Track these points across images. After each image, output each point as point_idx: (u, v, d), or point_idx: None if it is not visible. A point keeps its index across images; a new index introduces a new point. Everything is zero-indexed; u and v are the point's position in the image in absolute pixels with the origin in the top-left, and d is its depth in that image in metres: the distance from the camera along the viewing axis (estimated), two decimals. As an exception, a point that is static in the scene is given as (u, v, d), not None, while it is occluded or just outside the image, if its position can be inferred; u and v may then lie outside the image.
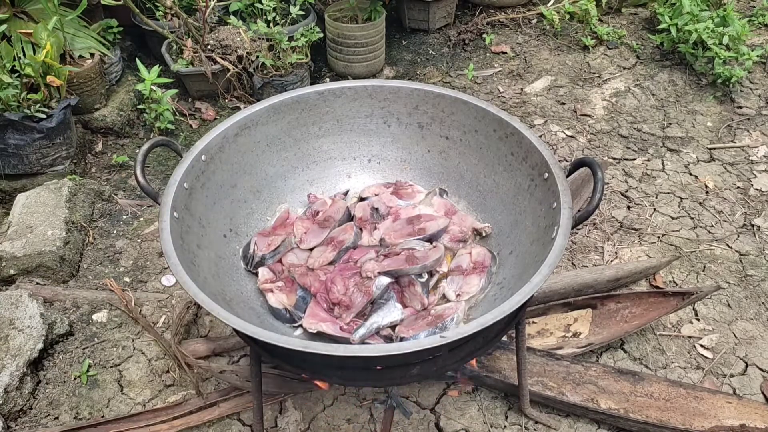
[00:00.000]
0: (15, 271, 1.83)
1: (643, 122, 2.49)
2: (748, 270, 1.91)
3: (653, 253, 1.96)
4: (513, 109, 2.57)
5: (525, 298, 1.05)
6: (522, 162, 1.37)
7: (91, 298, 1.82)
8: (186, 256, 1.17)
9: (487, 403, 1.56)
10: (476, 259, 1.36)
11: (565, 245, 1.13)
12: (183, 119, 2.50)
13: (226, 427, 1.52)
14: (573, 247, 1.99)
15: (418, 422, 1.52)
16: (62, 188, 2.01)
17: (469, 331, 1.01)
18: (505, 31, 3.05)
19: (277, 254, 1.41)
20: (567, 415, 1.53)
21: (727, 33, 2.56)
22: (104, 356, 1.69)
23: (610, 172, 2.27)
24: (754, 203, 2.14)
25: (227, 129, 1.39)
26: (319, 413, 1.54)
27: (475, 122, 1.46)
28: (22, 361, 1.57)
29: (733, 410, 1.46)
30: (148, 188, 1.22)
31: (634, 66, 2.80)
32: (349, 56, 2.74)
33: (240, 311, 1.24)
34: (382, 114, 1.53)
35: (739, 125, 2.47)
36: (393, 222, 1.44)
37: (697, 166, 2.29)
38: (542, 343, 1.64)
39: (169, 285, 1.86)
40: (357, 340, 1.22)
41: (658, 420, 1.44)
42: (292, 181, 1.55)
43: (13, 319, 1.64)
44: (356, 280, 1.30)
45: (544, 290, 1.69)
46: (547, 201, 1.26)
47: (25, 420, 1.54)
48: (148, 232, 2.03)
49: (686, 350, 1.69)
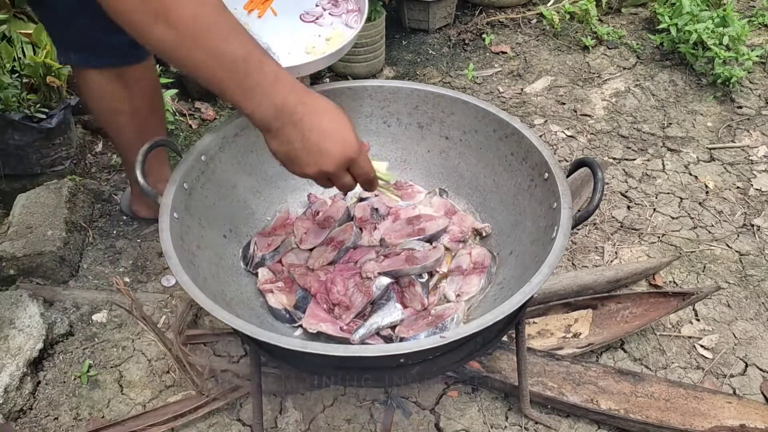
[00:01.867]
0: (15, 271, 1.83)
1: (643, 122, 2.49)
2: (748, 270, 1.91)
3: (653, 253, 1.96)
4: (513, 109, 2.57)
5: (525, 298, 1.05)
6: (522, 162, 1.37)
7: (91, 298, 1.82)
8: (186, 256, 1.17)
9: (487, 404, 1.56)
10: (476, 260, 1.36)
11: (565, 245, 1.13)
12: (183, 119, 2.50)
13: (226, 427, 1.52)
14: (573, 247, 1.99)
15: (418, 422, 1.52)
16: (62, 188, 2.01)
17: (469, 331, 1.01)
18: (505, 31, 3.05)
19: (277, 254, 1.41)
20: (567, 416, 1.53)
21: (727, 33, 2.56)
22: (104, 356, 1.69)
23: (610, 172, 2.27)
24: (754, 203, 2.14)
25: (227, 129, 1.39)
26: (319, 413, 1.54)
27: (475, 122, 1.46)
28: (22, 361, 1.57)
29: (733, 410, 1.46)
30: (147, 189, 1.22)
31: (634, 66, 2.80)
32: (348, 56, 2.74)
33: (240, 311, 1.24)
34: (382, 114, 1.53)
35: (739, 125, 2.47)
36: (393, 222, 1.44)
37: (697, 166, 2.29)
38: (542, 343, 1.64)
39: (169, 285, 1.86)
40: (357, 340, 1.22)
41: (658, 420, 1.44)
42: (292, 181, 1.54)
43: (13, 319, 1.64)
44: (356, 280, 1.30)
45: (544, 291, 1.69)
46: (547, 201, 1.26)
47: (25, 420, 1.54)
48: (148, 232, 2.03)
49: (686, 350, 1.69)
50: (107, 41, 1.49)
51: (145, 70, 1.63)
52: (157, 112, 1.75)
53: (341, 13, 1.45)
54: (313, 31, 1.41)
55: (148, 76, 1.66)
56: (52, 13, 1.50)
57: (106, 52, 1.53)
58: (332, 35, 1.38)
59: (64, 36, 1.54)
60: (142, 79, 1.64)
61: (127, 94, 1.62)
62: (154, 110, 1.73)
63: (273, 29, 1.38)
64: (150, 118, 1.71)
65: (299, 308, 1.31)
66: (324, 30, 1.41)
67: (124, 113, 1.65)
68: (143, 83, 1.64)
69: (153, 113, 1.72)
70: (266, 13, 1.40)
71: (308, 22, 1.43)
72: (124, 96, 1.62)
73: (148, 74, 1.65)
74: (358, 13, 1.45)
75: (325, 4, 1.46)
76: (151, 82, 1.68)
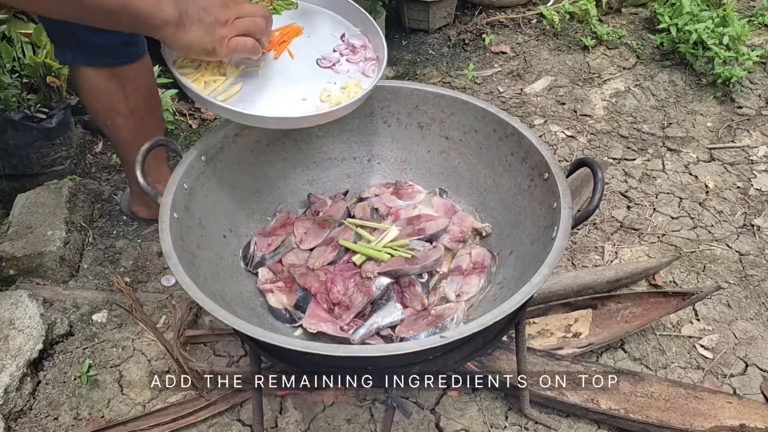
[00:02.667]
0: (15, 272, 1.83)
1: (643, 122, 2.49)
2: (748, 270, 1.91)
3: (653, 253, 1.96)
4: (513, 109, 2.58)
5: (525, 298, 1.05)
6: (522, 162, 1.37)
7: (91, 298, 1.82)
8: (186, 256, 1.17)
9: (487, 404, 1.56)
10: (476, 259, 1.36)
11: (565, 245, 1.13)
12: (183, 119, 2.50)
13: (226, 427, 1.52)
14: (573, 247, 1.99)
15: (418, 422, 1.52)
16: (62, 188, 2.01)
17: (469, 331, 1.01)
18: (505, 31, 3.05)
19: (277, 254, 1.41)
20: (567, 416, 1.53)
21: (727, 33, 2.56)
22: (104, 356, 1.69)
23: (610, 172, 2.27)
24: (754, 203, 2.14)
25: (227, 129, 1.39)
26: (319, 413, 1.54)
27: (475, 122, 1.46)
28: (22, 362, 1.57)
29: (733, 410, 1.46)
30: (147, 189, 1.22)
31: (634, 66, 2.80)
32: (349, 56, 2.74)
33: (240, 311, 1.24)
34: (382, 114, 1.53)
35: (739, 125, 2.47)
36: (393, 222, 1.44)
37: (697, 166, 2.29)
38: (542, 343, 1.64)
39: (169, 285, 1.86)
40: (357, 340, 1.23)
41: (658, 420, 1.44)
42: (292, 181, 1.55)
43: (13, 319, 1.64)
44: (356, 280, 1.30)
45: (544, 291, 1.69)
46: (547, 201, 1.26)
47: (25, 420, 1.54)
48: (148, 232, 2.03)
49: (686, 350, 1.69)
50: (97, 41, 1.50)
51: (140, 70, 1.63)
52: (154, 112, 1.75)
53: (359, 61, 1.38)
54: (328, 77, 1.35)
55: (144, 76, 1.66)
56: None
57: (98, 52, 1.54)
58: (348, 84, 1.33)
59: (59, 34, 1.55)
60: (138, 78, 1.64)
61: (123, 94, 1.62)
62: (151, 110, 1.73)
63: (288, 72, 1.34)
64: (147, 118, 1.71)
65: (299, 308, 1.31)
66: (340, 77, 1.34)
67: (121, 113, 1.65)
68: (139, 83, 1.64)
69: (150, 113, 1.72)
70: (283, 54, 1.37)
71: (325, 67, 1.37)
72: (120, 96, 1.62)
73: (143, 74, 1.66)
74: (376, 62, 1.38)
75: (342, 50, 1.40)
76: (146, 82, 1.68)
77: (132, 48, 1.59)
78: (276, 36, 1.36)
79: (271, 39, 1.32)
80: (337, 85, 1.33)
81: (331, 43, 1.42)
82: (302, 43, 1.41)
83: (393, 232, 1.37)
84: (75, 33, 1.48)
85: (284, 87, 1.31)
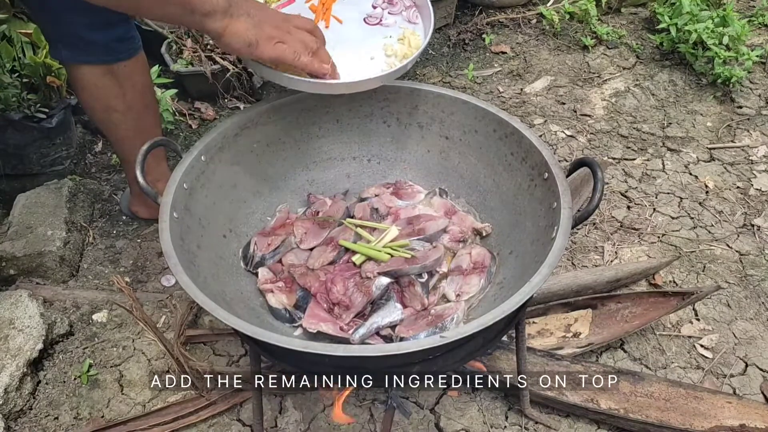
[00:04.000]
0: (15, 271, 1.83)
1: (643, 122, 2.49)
2: (748, 270, 1.91)
3: (653, 253, 1.96)
4: (513, 109, 2.57)
5: (525, 298, 1.05)
6: (522, 162, 1.37)
7: (91, 298, 1.82)
8: (186, 256, 1.17)
9: (487, 404, 1.56)
10: (476, 259, 1.36)
11: (565, 245, 1.13)
12: (182, 119, 2.50)
13: (226, 427, 1.52)
14: (573, 247, 1.99)
15: (418, 422, 1.52)
16: (62, 188, 2.01)
17: (469, 331, 1.01)
18: (505, 31, 3.05)
19: (277, 254, 1.41)
20: (567, 416, 1.53)
21: (727, 33, 2.56)
22: (104, 356, 1.69)
23: (610, 172, 2.27)
24: (754, 203, 2.14)
25: (227, 129, 1.39)
26: (319, 413, 1.54)
27: (475, 122, 1.46)
28: (22, 361, 1.57)
29: (733, 410, 1.46)
30: (148, 189, 1.22)
31: (634, 66, 2.80)
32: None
33: (240, 311, 1.24)
34: (382, 114, 1.53)
35: (739, 125, 2.47)
36: (393, 222, 1.44)
37: (697, 166, 2.29)
38: (542, 343, 1.64)
39: (169, 285, 1.86)
40: (357, 340, 1.23)
41: (658, 420, 1.44)
42: (292, 181, 1.55)
43: (13, 319, 1.64)
44: (356, 280, 1.30)
45: (544, 291, 1.69)
46: (547, 201, 1.26)
47: (25, 420, 1.54)
48: (148, 232, 2.03)
49: (686, 350, 1.69)
50: (93, 38, 1.50)
51: (135, 67, 1.63)
52: (151, 109, 1.75)
53: (400, 11, 1.43)
54: (382, 33, 1.39)
55: (140, 72, 1.66)
56: (40, 8, 1.50)
57: (94, 49, 1.54)
58: (404, 35, 1.37)
59: (54, 31, 1.55)
60: (133, 75, 1.64)
61: (120, 91, 1.62)
62: (148, 107, 1.73)
63: (344, 37, 1.36)
64: (144, 114, 1.71)
65: (299, 308, 1.31)
66: (392, 30, 1.39)
67: (118, 110, 1.65)
68: (135, 79, 1.64)
69: (146, 110, 1.72)
70: (332, 22, 1.39)
71: (373, 25, 1.40)
72: (117, 92, 1.62)
73: (139, 71, 1.66)
74: (415, 9, 1.43)
75: (381, 4, 1.44)
76: (142, 79, 1.68)
77: (127, 44, 1.59)
78: (318, 6, 1.39)
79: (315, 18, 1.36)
80: (392, 38, 1.37)
81: (367, 1, 1.45)
82: (341, 7, 1.44)
83: (393, 232, 1.37)
84: (70, 30, 1.49)
85: (351, 52, 1.34)
